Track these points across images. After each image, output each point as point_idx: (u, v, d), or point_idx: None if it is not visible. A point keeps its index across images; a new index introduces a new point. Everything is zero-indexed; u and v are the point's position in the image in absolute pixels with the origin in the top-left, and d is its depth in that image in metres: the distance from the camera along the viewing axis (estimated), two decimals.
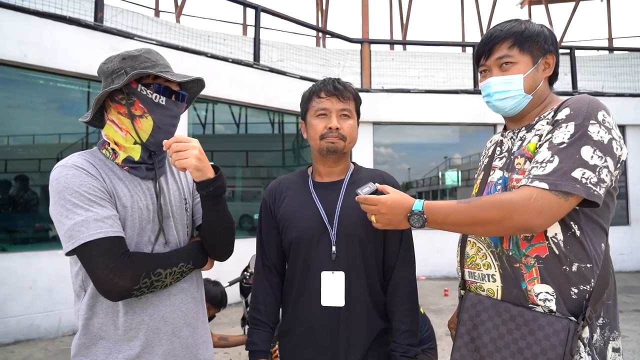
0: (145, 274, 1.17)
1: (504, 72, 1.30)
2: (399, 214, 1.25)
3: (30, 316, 4.65)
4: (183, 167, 1.21)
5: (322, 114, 1.48)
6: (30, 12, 4.83)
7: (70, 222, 1.13)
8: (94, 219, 1.14)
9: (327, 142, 1.47)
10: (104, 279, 1.12)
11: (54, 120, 5.55)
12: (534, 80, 1.29)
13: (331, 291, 1.41)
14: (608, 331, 1.17)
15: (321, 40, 14.97)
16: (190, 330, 1.33)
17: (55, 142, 5.66)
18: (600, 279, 1.16)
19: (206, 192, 1.26)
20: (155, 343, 1.24)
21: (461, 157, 9.86)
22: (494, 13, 16.45)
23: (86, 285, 1.22)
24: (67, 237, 1.14)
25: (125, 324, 1.21)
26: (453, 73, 9.39)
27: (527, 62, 1.29)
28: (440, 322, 5.05)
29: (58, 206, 1.16)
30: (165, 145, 1.23)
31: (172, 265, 1.24)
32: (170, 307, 1.28)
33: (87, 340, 1.21)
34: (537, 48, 1.29)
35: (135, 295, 1.17)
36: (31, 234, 5.27)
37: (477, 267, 1.31)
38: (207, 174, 1.24)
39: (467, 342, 1.27)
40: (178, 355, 1.29)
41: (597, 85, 9.64)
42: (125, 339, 1.21)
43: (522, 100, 1.30)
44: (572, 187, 1.09)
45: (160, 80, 1.28)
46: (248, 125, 7.64)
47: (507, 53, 1.29)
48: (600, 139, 1.13)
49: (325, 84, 1.52)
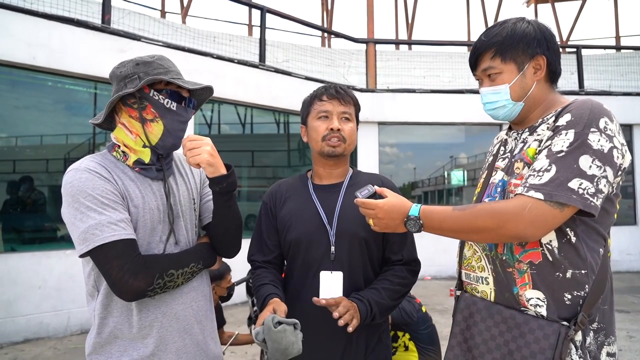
0: (159, 275, 1.22)
1: (492, 83, 1.31)
2: (396, 219, 1.26)
3: (40, 315, 4.73)
4: (197, 163, 1.27)
5: (324, 116, 1.53)
6: (39, 15, 4.90)
7: (84, 225, 1.17)
8: (108, 222, 1.17)
9: (329, 145, 1.51)
10: (119, 280, 1.16)
11: (62, 122, 5.63)
12: (521, 87, 1.27)
13: (329, 290, 1.44)
14: (603, 336, 1.17)
15: (326, 41, 14.98)
16: (201, 327, 1.38)
17: (62, 143, 5.75)
18: (595, 285, 1.15)
19: (219, 188, 1.31)
20: (168, 340, 1.28)
21: (467, 157, 9.84)
22: (500, 12, 16.37)
23: (99, 285, 1.26)
24: (81, 240, 1.17)
25: (140, 322, 1.25)
26: (458, 72, 9.36)
27: (511, 70, 1.27)
28: (446, 322, 5.06)
29: (72, 209, 1.19)
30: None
31: (183, 266, 1.29)
32: (182, 305, 1.33)
33: (102, 339, 1.25)
34: (521, 54, 1.26)
35: (149, 295, 1.22)
36: (40, 234, 5.34)
37: (473, 269, 1.33)
38: (220, 170, 1.30)
39: (460, 342, 1.29)
40: (189, 352, 1.33)
41: (604, 85, 9.57)
42: (139, 337, 1.25)
43: (513, 109, 1.30)
44: (567, 198, 1.08)
45: (172, 86, 1.32)
46: (254, 125, 7.68)
47: (490, 64, 1.29)
48: (600, 147, 1.10)
49: (326, 88, 1.58)
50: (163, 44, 5.95)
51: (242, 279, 3.28)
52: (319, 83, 7.68)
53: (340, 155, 1.53)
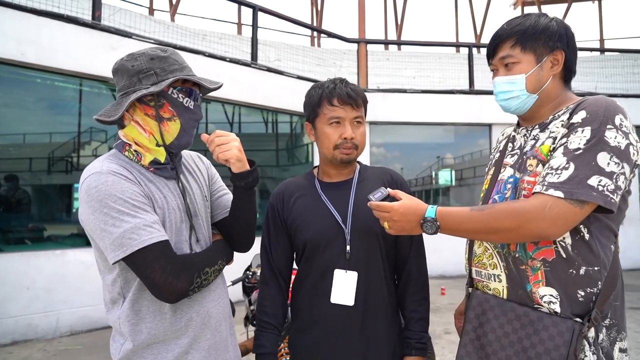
0: (197, 274, 1.21)
1: (508, 72, 1.29)
2: (412, 221, 1.25)
3: (28, 316, 4.63)
4: (226, 158, 1.27)
5: (335, 122, 1.46)
6: (28, 11, 4.80)
7: (119, 230, 1.12)
8: (143, 224, 1.14)
9: (342, 153, 1.46)
10: (163, 282, 1.14)
11: (54, 119, 5.53)
12: (537, 79, 1.26)
13: (342, 289, 1.43)
14: (615, 332, 1.18)
15: (316, 40, 14.97)
16: (226, 323, 1.39)
17: (56, 141, 5.64)
18: (607, 281, 1.15)
19: (244, 183, 1.33)
20: (201, 338, 1.28)
21: (454, 157, 9.93)
22: (488, 14, 16.54)
23: (126, 292, 1.22)
24: (117, 245, 1.12)
25: (174, 324, 1.23)
26: (448, 73, 9.44)
27: (530, 61, 1.26)
28: (438, 320, 5.11)
29: (100, 214, 1.13)
30: (205, 140, 1.29)
31: (214, 264, 1.30)
32: (213, 302, 1.33)
33: (137, 346, 1.21)
34: (541, 46, 1.25)
35: (189, 295, 1.21)
36: (25, 234, 5.24)
37: (484, 266, 1.32)
38: (246, 166, 1.32)
39: (473, 340, 1.28)
40: (218, 348, 1.33)
41: (590, 86, 9.75)
42: (173, 338, 1.23)
43: (527, 100, 1.28)
44: (588, 196, 1.08)
45: (188, 84, 1.29)
46: (242, 124, 7.63)
47: (509, 53, 1.28)
48: (617, 144, 1.10)
49: (338, 90, 1.47)
50: (154, 41, 5.88)
51: (238, 278, 3.26)
52: (311, 82, 7.67)
53: (353, 161, 1.52)
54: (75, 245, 5.21)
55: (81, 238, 5.47)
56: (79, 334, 4.87)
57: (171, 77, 1.22)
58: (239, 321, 3.50)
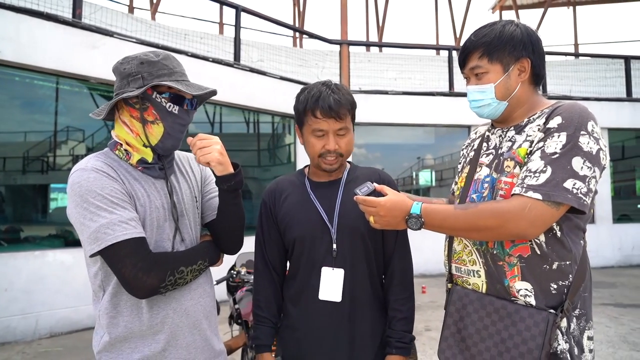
0: (170, 272, 1.23)
1: (478, 81, 1.36)
2: (397, 217, 1.30)
3: (6, 319, 4.55)
4: (207, 161, 1.29)
5: (319, 134, 1.49)
6: (6, 7, 4.72)
7: (95, 225, 1.17)
8: (119, 220, 1.18)
9: (325, 163, 1.51)
10: (132, 278, 1.17)
11: (29, 118, 5.42)
12: (506, 87, 1.33)
13: (329, 286, 1.47)
14: (584, 321, 1.26)
15: (298, 41, 15.00)
16: (208, 322, 1.40)
17: (31, 140, 5.54)
18: (577, 274, 1.24)
19: (227, 186, 1.34)
20: (178, 336, 1.30)
21: (433, 158, 10.10)
22: (467, 17, 16.85)
23: (106, 285, 1.26)
24: (92, 239, 1.17)
25: (151, 319, 1.26)
26: (429, 75, 9.58)
27: (497, 70, 1.33)
28: (419, 317, 5.18)
29: (81, 209, 1.19)
30: (189, 143, 1.31)
31: (192, 263, 1.31)
32: (192, 301, 1.34)
33: (113, 338, 1.25)
34: (507, 56, 1.32)
35: (161, 292, 1.23)
36: (2, 234, 5.14)
37: (464, 262, 1.38)
38: (229, 169, 1.33)
39: (454, 333, 1.35)
40: (198, 347, 1.35)
41: (565, 89, 10.03)
42: (150, 334, 1.26)
43: (498, 107, 1.36)
44: (564, 198, 1.15)
45: (174, 89, 1.31)
46: (223, 124, 7.60)
47: (477, 64, 1.35)
48: (589, 149, 1.18)
49: (321, 101, 1.46)
50: (136, 40, 5.83)
51: (223, 277, 3.28)
52: (294, 83, 7.71)
53: (337, 168, 1.55)
54: (55, 246, 5.14)
55: (60, 239, 5.38)
56: (59, 336, 4.80)
57: (156, 81, 1.26)
58: (223, 320, 3.51)
